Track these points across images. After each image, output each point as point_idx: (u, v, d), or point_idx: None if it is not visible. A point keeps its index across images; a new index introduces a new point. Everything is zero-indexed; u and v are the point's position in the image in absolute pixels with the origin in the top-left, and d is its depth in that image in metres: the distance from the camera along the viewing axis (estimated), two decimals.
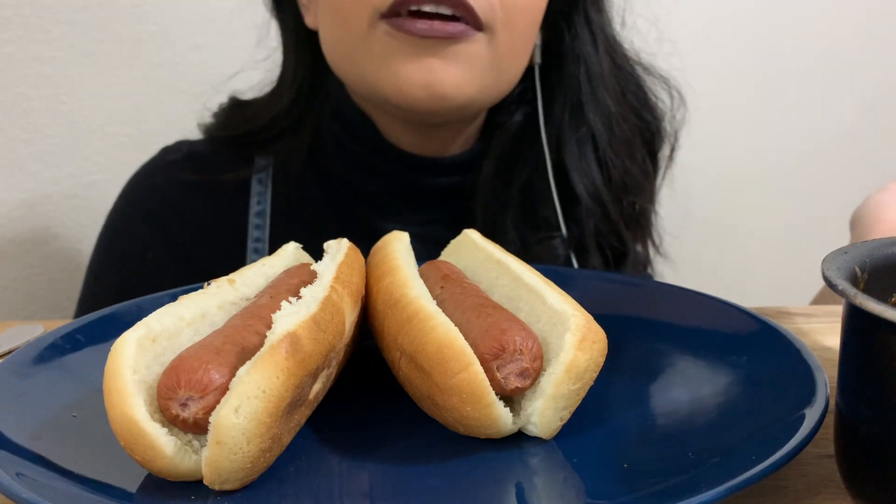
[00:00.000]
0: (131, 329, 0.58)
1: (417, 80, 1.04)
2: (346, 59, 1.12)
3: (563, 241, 1.23)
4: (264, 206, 1.25)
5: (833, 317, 0.97)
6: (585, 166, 1.22)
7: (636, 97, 1.29)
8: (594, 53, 1.22)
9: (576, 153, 1.22)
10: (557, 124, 1.23)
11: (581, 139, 1.22)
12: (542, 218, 1.24)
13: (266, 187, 1.26)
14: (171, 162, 1.32)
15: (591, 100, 1.22)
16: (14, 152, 1.70)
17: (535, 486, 0.60)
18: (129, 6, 1.71)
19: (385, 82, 1.07)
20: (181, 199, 1.27)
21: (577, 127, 1.22)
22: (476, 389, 0.60)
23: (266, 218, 1.24)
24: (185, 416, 0.54)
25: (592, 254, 1.24)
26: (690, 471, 0.58)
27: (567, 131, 1.22)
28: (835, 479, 0.59)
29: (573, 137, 1.22)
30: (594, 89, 1.22)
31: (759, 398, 0.67)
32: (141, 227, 1.27)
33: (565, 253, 1.23)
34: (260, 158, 1.28)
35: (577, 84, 1.22)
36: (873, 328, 0.49)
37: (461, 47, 1.04)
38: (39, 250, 1.75)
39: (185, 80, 1.75)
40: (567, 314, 0.64)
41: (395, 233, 0.87)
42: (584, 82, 1.21)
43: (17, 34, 1.65)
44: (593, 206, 1.22)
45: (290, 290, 0.68)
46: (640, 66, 1.31)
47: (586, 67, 1.21)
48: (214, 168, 1.27)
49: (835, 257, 0.56)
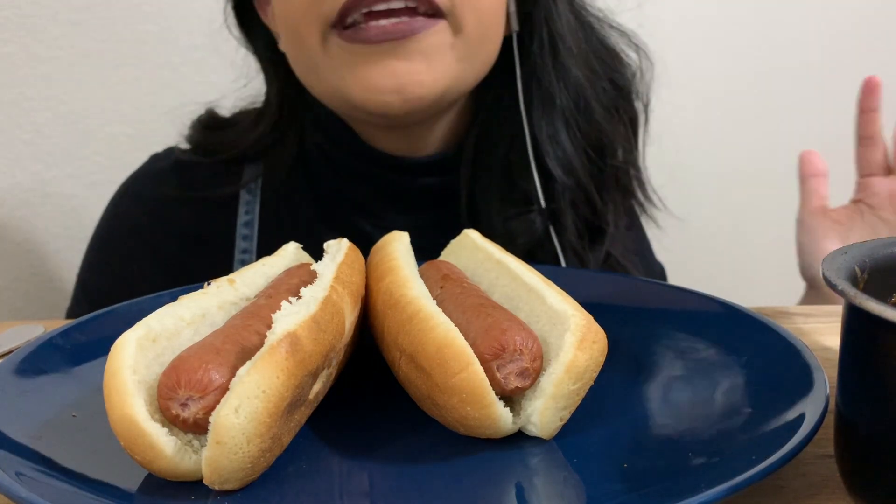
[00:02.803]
0: (131, 329, 0.58)
1: (386, 86, 1.01)
2: (311, 74, 1.11)
3: (542, 215, 1.20)
4: (252, 216, 1.24)
5: (833, 317, 0.97)
6: (555, 137, 1.19)
7: (606, 60, 1.24)
8: (556, 16, 1.17)
9: (545, 125, 1.18)
10: (527, 94, 1.19)
11: (549, 108, 1.18)
12: (522, 192, 1.21)
13: (255, 196, 1.25)
14: (158, 171, 1.31)
15: (554, 65, 1.17)
16: (14, 152, 1.70)
17: (535, 486, 0.60)
18: (129, 6, 1.71)
19: (353, 93, 1.04)
20: (167, 211, 1.26)
21: (544, 96, 1.18)
22: (476, 389, 0.60)
23: (254, 228, 1.23)
24: (185, 416, 0.54)
25: (570, 230, 1.21)
26: (690, 471, 0.58)
27: (535, 101, 1.18)
28: (835, 479, 0.59)
29: (539, 105, 1.18)
30: (556, 52, 1.17)
31: (759, 398, 0.67)
32: (127, 239, 1.27)
33: (543, 226, 1.20)
34: (249, 166, 1.27)
35: (538, 48, 1.17)
36: (873, 328, 0.49)
37: (422, 41, 1.00)
38: (39, 250, 1.75)
39: (185, 81, 1.75)
40: (567, 314, 0.64)
41: (395, 233, 0.87)
42: (546, 45, 1.17)
43: (17, 34, 1.65)
44: (567, 179, 1.19)
45: (290, 290, 0.68)
46: (606, 24, 1.26)
47: (548, 29, 1.16)
48: (202, 181, 1.25)
49: (835, 257, 0.56)
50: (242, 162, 1.27)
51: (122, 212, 1.30)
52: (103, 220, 1.32)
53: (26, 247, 1.74)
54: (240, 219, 1.24)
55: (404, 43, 1.00)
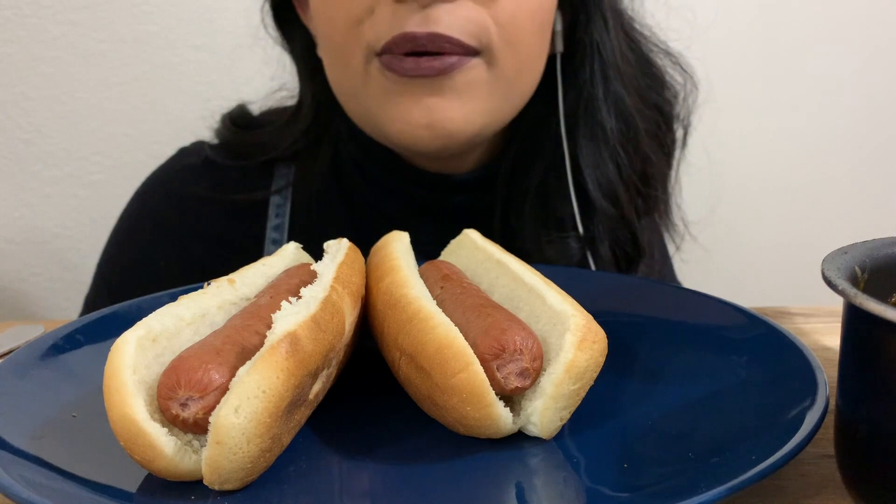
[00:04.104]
0: (131, 329, 0.58)
1: (418, 121, 1.00)
2: (349, 97, 1.10)
3: (579, 241, 1.17)
4: (283, 220, 1.21)
5: (833, 317, 0.97)
6: (599, 164, 1.16)
7: (652, 83, 1.22)
8: (608, 39, 1.13)
9: (590, 152, 1.16)
10: (572, 118, 1.17)
11: (595, 134, 1.15)
12: (558, 219, 1.18)
13: (286, 199, 1.23)
14: (187, 167, 1.27)
15: (605, 92, 1.14)
16: (14, 152, 1.70)
17: (535, 486, 0.60)
18: (129, 6, 1.71)
19: (387, 124, 1.03)
20: (197, 210, 1.23)
21: (591, 121, 1.15)
22: (476, 389, 0.60)
23: (284, 232, 1.21)
24: (185, 416, 0.54)
25: (606, 257, 1.18)
26: (690, 471, 0.58)
27: (581, 126, 1.16)
28: (835, 479, 0.59)
29: (587, 132, 1.15)
30: (607, 80, 1.14)
31: (759, 398, 0.67)
32: (153, 233, 1.24)
33: (581, 253, 1.18)
34: (280, 169, 1.25)
35: (589, 74, 1.14)
36: (873, 328, 0.49)
37: (457, 78, 0.99)
38: (39, 250, 1.75)
39: (186, 80, 1.75)
40: (567, 314, 0.64)
41: (395, 233, 0.87)
42: (597, 72, 1.13)
43: (17, 34, 1.65)
44: (607, 205, 1.16)
45: (290, 290, 0.68)
46: (655, 47, 1.23)
47: (600, 56, 1.13)
48: (232, 182, 1.23)
49: (835, 257, 0.56)
50: (273, 164, 1.25)
51: (150, 205, 1.27)
52: (129, 211, 1.29)
53: (26, 247, 1.74)
54: (270, 222, 1.21)
55: (440, 80, 0.99)
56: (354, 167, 1.23)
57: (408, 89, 1.00)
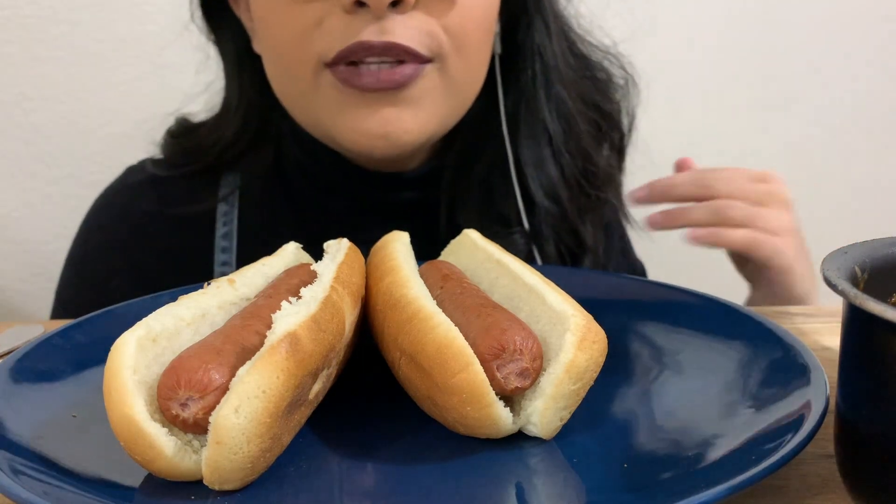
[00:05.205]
0: (131, 329, 0.58)
1: (375, 132, 1.01)
2: (296, 105, 1.09)
3: (525, 237, 1.19)
4: (231, 227, 1.21)
5: (833, 317, 0.97)
6: (541, 164, 1.18)
7: (594, 85, 1.23)
8: (548, 43, 1.15)
9: (531, 152, 1.18)
10: (514, 119, 1.18)
11: (537, 135, 1.17)
12: (503, 214, 1.20)
13: (232, 207, 1.22)
14: (133, 185, 1.28)
15: (546, 95, 1.16)
16: (14, 152, 1.70)
17: (535, 486, 0.60)
18: (129, 6, 1.71)
19: (341, 134, 1.04)
20: (145, 225, 1.23)
21: (533, 123, 1.17)
22: (476, 389, 0.60)
23: (233, 239, 1.21)
24: (185, 416, 0.54)
25: (551, 252, 1.20)
26: (690, 471, 0.58)
27: (523, 127, 1.18)
28: (835, 479, 0.59)
29: (529, 133, 1.17)
30: (549, 83, 1.16)
31: (759, 398, 0.67)
32: (106, 254, 1.24)
33: (527, 248, 1.19)
34: (226, 178, 1.24)
35: (531, 77, 1.16)
36: (873, 328, 0.49)
37: (412, 88, 1.00)
38: (39, 250, 1.75)
39: (186, 81, 1.74)
40: (567, 314, 0.64)
41: (395, 233, 0.87)
42: (539, 75, 1.16)
43: (17, 34, 1.65)
44: (549, 204, 1.18)
45: (289, 290, 0.68)
46: (595, 49, 1.25)
47: (542, 59, 1.16)
48: (178, 196, 1.23)
49: (835, 257, 0.56)
50: (218, 173, 1.24)
51: (100, 225, 1.27)
52: (81, 234, 1.29)
53: (26, 247, 1.74)
54: (218, 231, 1.21)
55: (396, 91, 1.00)
56: (298, 168, 1.24)
57: (363, 101, 1.01)
